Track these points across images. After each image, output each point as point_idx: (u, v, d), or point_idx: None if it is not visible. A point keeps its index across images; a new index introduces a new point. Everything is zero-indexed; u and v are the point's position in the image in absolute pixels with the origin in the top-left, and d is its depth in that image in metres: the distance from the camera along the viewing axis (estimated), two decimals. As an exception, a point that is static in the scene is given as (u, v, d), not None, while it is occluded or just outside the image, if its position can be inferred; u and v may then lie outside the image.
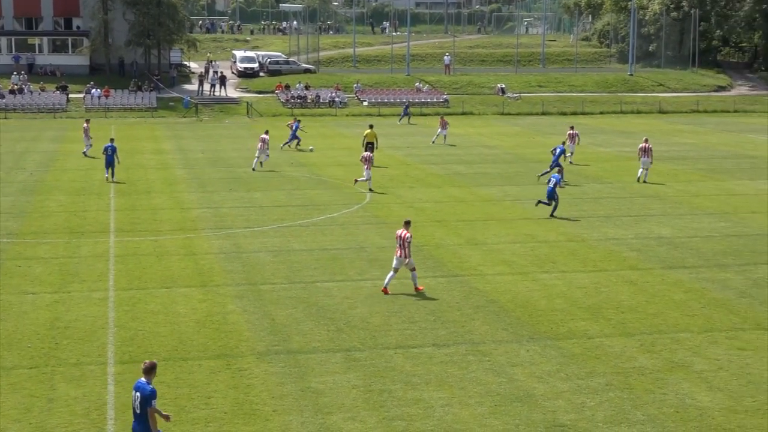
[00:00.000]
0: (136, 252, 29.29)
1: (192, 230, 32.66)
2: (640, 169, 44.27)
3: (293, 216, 35.19)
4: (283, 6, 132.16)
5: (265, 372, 19.07)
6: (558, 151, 44.99)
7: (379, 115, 77.04)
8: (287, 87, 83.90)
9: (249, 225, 33.51)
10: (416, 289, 24.88)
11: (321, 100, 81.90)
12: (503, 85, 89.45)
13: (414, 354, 20.21)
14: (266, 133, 48.06)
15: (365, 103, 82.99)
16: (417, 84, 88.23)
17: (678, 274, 27.11)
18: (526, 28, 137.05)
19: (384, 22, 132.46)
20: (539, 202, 35.91)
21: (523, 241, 31.36)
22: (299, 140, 55.38)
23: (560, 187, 36.30)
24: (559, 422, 16.75)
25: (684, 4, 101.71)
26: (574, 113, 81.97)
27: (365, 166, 40.67)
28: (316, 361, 19.71)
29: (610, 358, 20.03)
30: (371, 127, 50.15)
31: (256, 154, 47.33)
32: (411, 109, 76.42)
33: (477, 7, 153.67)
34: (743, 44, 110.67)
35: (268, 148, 47.17)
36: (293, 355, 20.09)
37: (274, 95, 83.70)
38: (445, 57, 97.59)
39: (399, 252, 24.61)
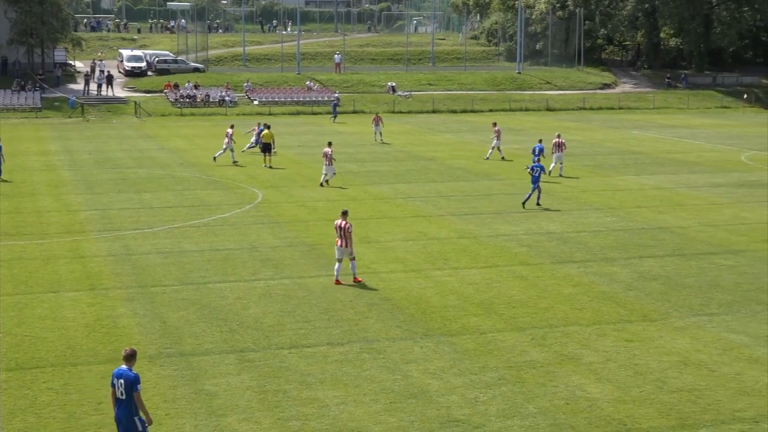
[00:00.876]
0: (22, 256, 28.54)
1: (79, 233, 31.97)
2: (553, 164, 45.27)
3: (184, 217, 34.74)
4: (171, 4, 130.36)
5: (157, 375, 18.77)
6: (537, 149, 44.97)
7: (270, 114, 76.60)
8: (176, 86, 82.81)
9: (139, 227, 32.95)
10: (355, 279, 25.53)
11: (211, 100, 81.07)
12: (394, 84, 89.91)
13: (308, 353, 20.15)
14: (231, 127, 50.14)
15: (256, 102, 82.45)
16: (308, 83, 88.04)
17: (567, 269, 27.62)
18: (416, 27, 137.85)
19: (274, 21, 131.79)
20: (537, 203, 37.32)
21: (415, 238, 31.55)
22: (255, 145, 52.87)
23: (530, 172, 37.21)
24: (453, 417, 16.89)
25: (569, 3, 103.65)
26: (464, 111, 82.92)
27: (325, 162, 41.87)
28: (209, 363, 19.49)
29: (503, 353, 20.29)
30: (268, 127, 49.79)
31: (222, 148, 49.06)
32: (301, 108, 76.12)
33: (367, 6, 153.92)
34: (627, 43, 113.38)
35: (232, 142, 48.81)
36: (186, 357, 19.82)
37: (163, 95, 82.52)
38: (336, 56, 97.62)
39: (339, 242, 25.37)
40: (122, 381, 14.51)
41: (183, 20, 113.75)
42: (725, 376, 19.00)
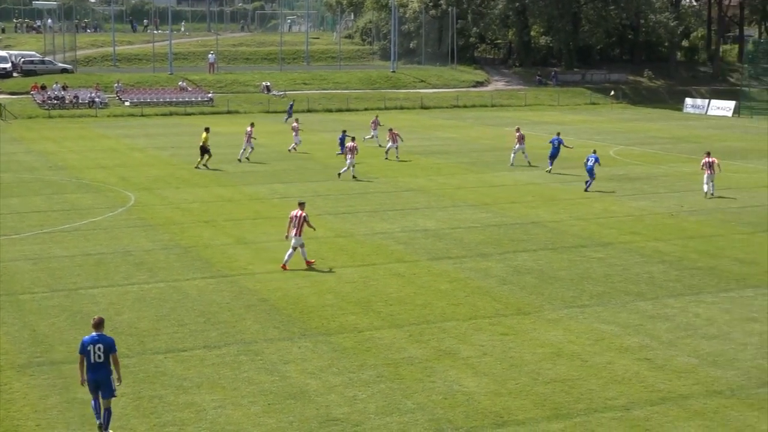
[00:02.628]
0: None
1: (-57, 240, 30.82)
2: (513, 154, 49.12)
3: (54, 221, 33.82)
4: (37, 3, 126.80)
5: (26, 385, 18.21)
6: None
7: (142, 116, 75.33)
8: (43, 87, 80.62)
9: (5, 233, 31.92)
10: (307, 263, 27.08)
11: (80, 101, 79.15)
12: (268, 83, 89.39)
13: (184, 357, 19.84)
14: (251, 125, 51.06)
15: (127, 103, 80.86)
16: (180, 83, 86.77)
17: (443, 265, 27.88)
18: (290, 26, 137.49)
19: (144, 20, 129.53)
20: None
21: (292, 238, 31.37)
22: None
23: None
24: (333, 416, 16.86)
25: (442, 2, 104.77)
26: (340, 110, 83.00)
27: (348, 156, 43.86)
28: (81, 370, 18.98)
29: (381, 350, 20.35)
30: (207, 130, 48.68)
31: (243, 147, 49.97)
32: (174, 109, 74.94)
33: (240, 5, 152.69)
34: (498, 41, 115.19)
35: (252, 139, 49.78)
36: (57, 366, 19.28)
37: (30, 96, 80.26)
38: (209, 55, 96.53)
39: (293, 231, 26.82)
40: (101, 345, 15.79)
41: (50, 20, 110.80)
42: (597, 365, 19.45)
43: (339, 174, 44.09)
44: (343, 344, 20.75)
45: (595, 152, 43.00)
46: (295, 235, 26.92)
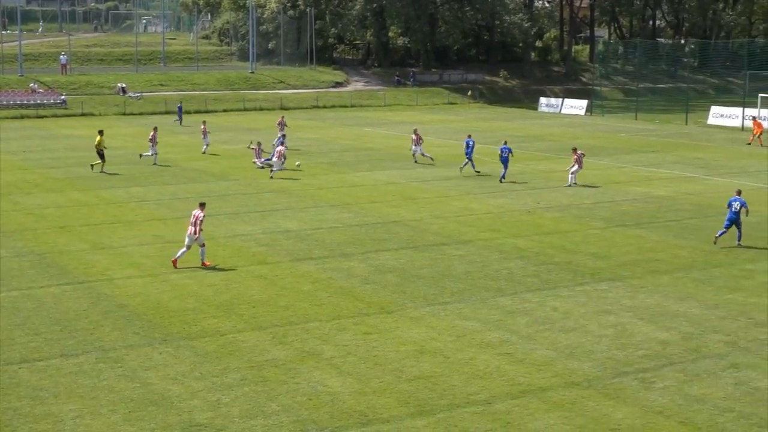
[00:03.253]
0: None
1: None
2: (413, 155, 50.50)
3: None
4: None
5: None
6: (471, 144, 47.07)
7: (-8, 119, 72.91)
8: None
9: None
10: (203, 264, 27.26)
11: (-75, 104, 76.11)
12: (124, 85, 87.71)
13: (40, 367, 19.23)
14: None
15: (-24, 106, 78.14)
16: (32, 85, 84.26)
17: (305, 266, 27.83)
18: (145, 27, 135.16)
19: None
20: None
21: (151, 242, 30.85)
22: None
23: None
24: (196, 422, 16.61)
25: (300, 3, 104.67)
26: (198, 111, 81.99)
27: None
28: (-70, 384, 18.23)
29: (244, 353, 20.16)
30: (101, 133, 47.19)
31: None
32: (26, 111, 72.72)
33: (92, 4, 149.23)
34: (357, 42, 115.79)
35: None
36: None
37: None
38: (62, 56, 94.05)
39: (191, 230, 27.04)
40: None
41: None
42: (459, 361, 19.71)
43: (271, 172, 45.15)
44: (206, 348, 20.48)
45: (506, 143, 45.53)
46: (189, 234, 27.20)
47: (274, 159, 45.49)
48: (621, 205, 38.19)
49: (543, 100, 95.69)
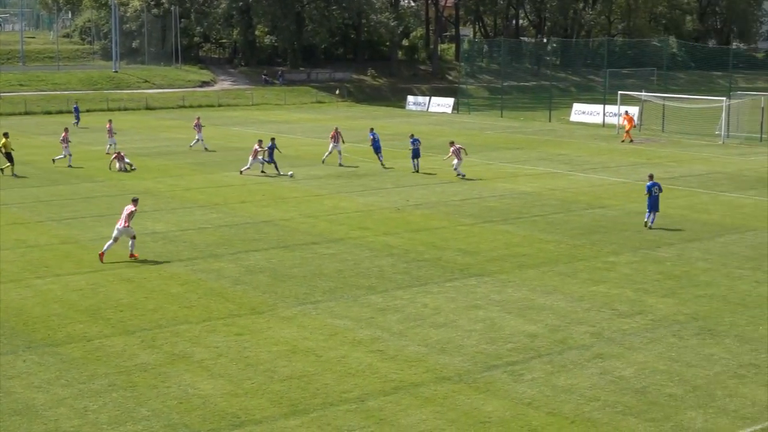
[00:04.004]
0: None
1: None
2: (329, 153, 49.68)
3: None
4: None
5: None
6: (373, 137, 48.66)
7: None
8: None
9: None
10: (131, 255, 27.98)
11: None
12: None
13: None
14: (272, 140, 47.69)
15: None
16: None
17: (174, 268, 27.41)
18: (2, 25, 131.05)
19: None
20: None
21: (12, 246, 29.92)
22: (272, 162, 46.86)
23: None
24: (62, 430, 16.17)
25: (164, 1, 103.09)
26: (60, 112, 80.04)
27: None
28: None
29: (112, 358, 19.73)
30: (6, 135, 45.14)
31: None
32: None
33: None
34: (223, 41, 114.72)
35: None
36: None
37: None
38: None
39: (121, 223, 27.79)
40: None
41: None
42: (331, 360, 19.72)
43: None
44: (72, 355, 19.97)
45: (412, 135, 47.90)
46: (122, 226, 27.87)
47: (250, 158, 45.44)
48: (488, 201, 38.83)
49: (410, 98, 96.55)
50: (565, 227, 33.46)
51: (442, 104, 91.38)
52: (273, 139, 47.79)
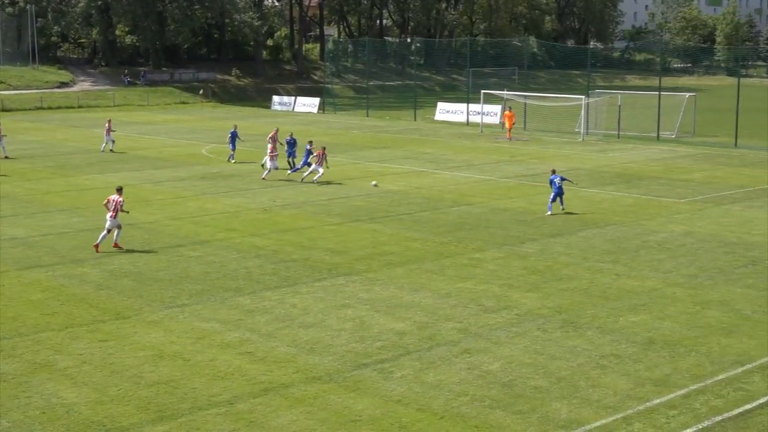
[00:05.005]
0: None
1: None
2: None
3: None
4: None
5: None
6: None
7: None
8: None
9: None
10: (115, 245, 29.24)
11: None
12: None
13: None
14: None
15: None
16: None
17: (34, 274, 26.63)
18: None
19: None
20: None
21: None
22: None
23: None
24: None
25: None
26: None
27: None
28: None
29: (-31, 369, 19.05)
30: None
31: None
32: None
33: None
34: (83, 40, 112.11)
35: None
36: None
37: None
38: None
39: (111, 214, 28.79)
40: None
41: None
42: (200, 363, 19.46)
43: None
44: (-74, 367, 19.19)
45: (291, 133, 49.02)
46: (111, 217, 28.90)
47: (267, 160, 45.15)
48: (355, 200, 38.95)
49: (276, 98, 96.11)
50: (432, 225, 33.83)
51: (308, 104, 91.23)
52: (235, 126, 52.13)
